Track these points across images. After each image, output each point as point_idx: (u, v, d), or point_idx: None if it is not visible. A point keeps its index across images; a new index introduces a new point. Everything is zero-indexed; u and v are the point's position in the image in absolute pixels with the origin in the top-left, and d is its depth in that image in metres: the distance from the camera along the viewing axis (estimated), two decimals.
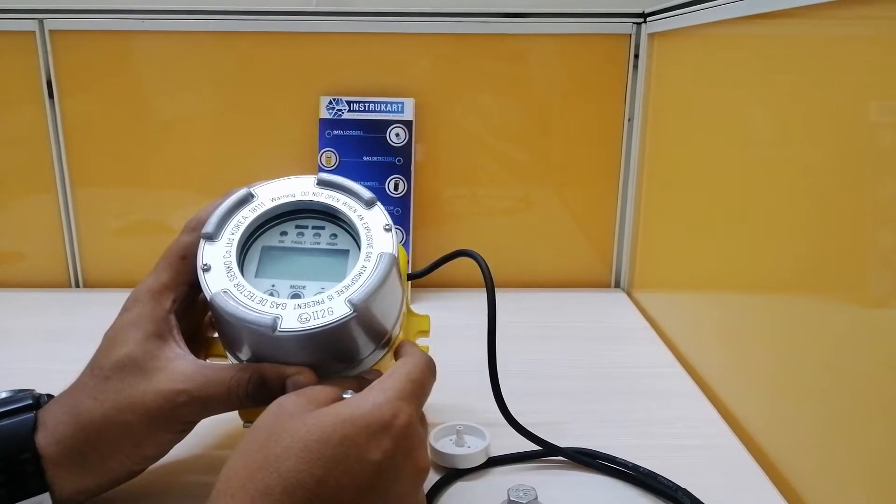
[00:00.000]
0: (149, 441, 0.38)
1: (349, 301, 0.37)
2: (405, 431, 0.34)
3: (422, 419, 0.37)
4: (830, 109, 0.41)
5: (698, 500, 0.42)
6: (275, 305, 0.37)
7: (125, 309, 0.41)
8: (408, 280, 0.49)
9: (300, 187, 0.42)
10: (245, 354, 0.40)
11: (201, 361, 0.39)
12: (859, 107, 0.38)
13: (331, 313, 0.37)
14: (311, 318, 0.36)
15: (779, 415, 0.48)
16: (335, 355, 0.40)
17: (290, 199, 0.41)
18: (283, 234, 0.42)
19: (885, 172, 0.36)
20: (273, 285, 0.40)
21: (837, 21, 0.41)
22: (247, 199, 0.41)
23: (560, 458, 0.47)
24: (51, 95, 0.78)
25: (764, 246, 0.49)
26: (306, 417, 0.34)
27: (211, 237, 0.39)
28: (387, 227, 0.40)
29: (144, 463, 0.40)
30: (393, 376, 0.37)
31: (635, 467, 0.45)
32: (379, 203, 0.41)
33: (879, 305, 0.37)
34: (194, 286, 0.41)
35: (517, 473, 0.46)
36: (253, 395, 0.38)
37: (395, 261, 0.39)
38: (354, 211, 0.41)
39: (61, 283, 0.83)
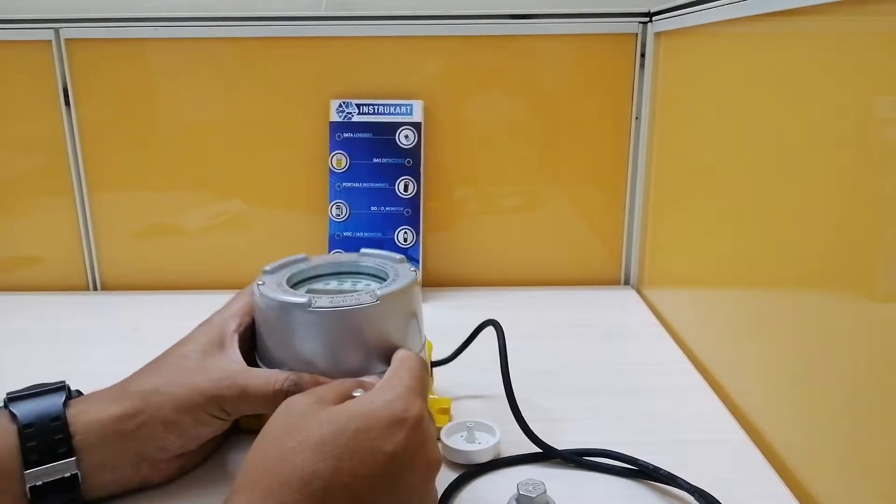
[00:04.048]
0: (189, 414, 0.42)
1: (374, 294, 0.44)
2: (417, 424, 0.35)
3: (429, 415, 0.38)
4: (839, 106, 0.42)
5: (715, 499, 0.42)
6: (311, 296, 0.44)
7: (201, 324, 0.47)
8: (433, 366, 0.54)
9: (345, 257, 0.53)
10: (279, 357, 0.45)
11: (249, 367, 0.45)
12: (868, 102, 0.39)
13: (357, 300, 0.43)
14: (340, 304, 0.43)
15: (788, 411, 0.48)
16: (355, 350, 0.43)
17: (335, 260, 0.52)
18: (327, 283, 0.51)
19: (894, 167, 0.36)
20: None
21: (843, 18, 0.41)
22: (302, 260, 0.51)
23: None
24: (67, 102, 0.79)
25: (773, 242, 0.50)
26: (319, 414, 0.35)
27: (269, 272, 0.49)
28: (411, 269, 0.49)
29: (176, 441, 0.42)
30: (397, 375, 0.39)
31: (656, 469, 0.44)
32: (408, 261, 0.51)
33: (891, 301, 0.37)
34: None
35: (527, 468, 0.47)
36: (287, 392, 0.41)
37: (416, 280, 0.47)
38: (387, 263, 0.51)
39: (79, 286, 0.85)
